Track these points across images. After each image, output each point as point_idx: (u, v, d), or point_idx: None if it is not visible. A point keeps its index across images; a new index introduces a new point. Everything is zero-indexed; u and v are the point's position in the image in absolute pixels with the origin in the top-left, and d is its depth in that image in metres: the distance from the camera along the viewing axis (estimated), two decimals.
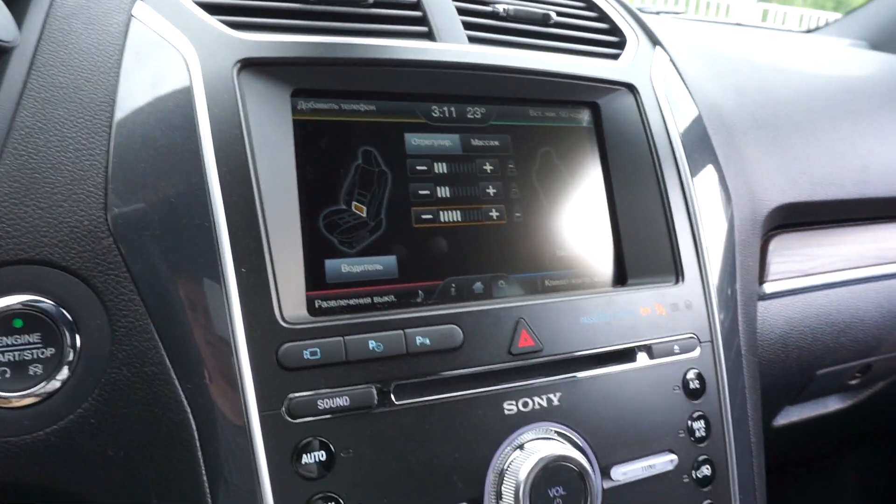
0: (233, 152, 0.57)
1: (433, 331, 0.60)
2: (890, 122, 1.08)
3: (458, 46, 0.71)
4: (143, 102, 0.58)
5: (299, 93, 0.63)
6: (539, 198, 0.72)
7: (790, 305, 0.94)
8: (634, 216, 0.76)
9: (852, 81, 1.15)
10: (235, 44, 0.61)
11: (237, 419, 0.53)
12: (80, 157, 0.55)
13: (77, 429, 0.52)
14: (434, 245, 0.66)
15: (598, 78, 0.78)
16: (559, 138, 0.75)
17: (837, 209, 0.99)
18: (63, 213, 0.53)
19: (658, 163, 0.77)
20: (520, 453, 0.60)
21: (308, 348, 0.55)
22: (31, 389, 0.51)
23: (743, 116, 0.94)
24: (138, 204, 0.55)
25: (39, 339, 0.51)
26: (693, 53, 0.99)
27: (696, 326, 0.73)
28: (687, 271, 0.74)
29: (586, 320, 0.67)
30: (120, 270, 0.54)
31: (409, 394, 0.58)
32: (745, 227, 0.85)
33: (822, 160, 0.98)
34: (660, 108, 0.79)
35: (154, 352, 0.53)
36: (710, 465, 0.70)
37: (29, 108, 0.55)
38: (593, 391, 0.66)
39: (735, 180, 0.86)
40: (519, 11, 0.78)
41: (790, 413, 1.12)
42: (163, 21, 0.61)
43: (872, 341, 1.03)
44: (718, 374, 0.73)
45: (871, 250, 1.03)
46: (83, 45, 0.59)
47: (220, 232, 0.55)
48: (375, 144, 0.66)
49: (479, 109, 0.72)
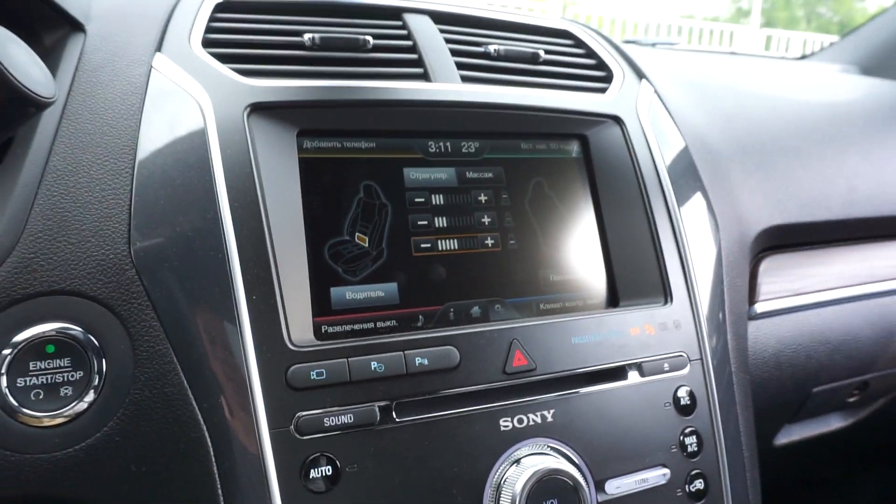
0: (244, 189, 0.62)
1: (431, 352, 0.63)
2: (875, 144, 1.12)
3: (453, 86, 0.76)
4: (162, 145, 0.63)
5: (304, 133, 0.68)
6: (532, 226, 0.76)
7: (782, 325, 0.96)
8: (624, 241, 0.79)
9: (839, 106, 1.18)
10: (245, 90, 0.66)
11: (249, 436, 0.56)
12: (105, 196, 0.60)
13: (103, 446, 0.56)
14: (433, 272, 0.70)
15: (586, 111, 0.82)
16: (550, 169, 0.79)
17: (826, 230, 1.02)
18: (91, 248, 0.58)
19: (645, 190, 0.80)
20: (516, 468, 0.63)
21: (315, 369, 0.59)
22: (61, 410, 0.55)
23: (729, 143, 0.98)
24: (158, 238, 0.60)
25: (69, 364, 0.55)
26: (681, 84, 1.03)
27: (686, 345, 0.76)
28: (675, 293, 0.77)
29: (577, 340, 0.70)
30: (142, 299, 0.58)
31: (409, 412, 0.61)
32: (734, 250, 0.88)
33: (809, 183, 1.01)
34: (646, 139, 0.83)
35: (173, 374, 0.57)
36: (703, 480, 0.72)
37: (60, 153, 0.60)
38: (586, 408, 0.68)
39: (722, 204, 0.89)
40: (509, 51, 0.83)
41: (791, 431, 1.13)
42: (179, 70, 0.67)
43: (867, 358, 1.05)
44: (709, 391, 0.75)
45: (861, 269, 1.06)
46: (108, 95, 0.65)
47: (232, 263, 0.59)
48: (376, 179, 0.70)
49: (474, 144, 0.76)
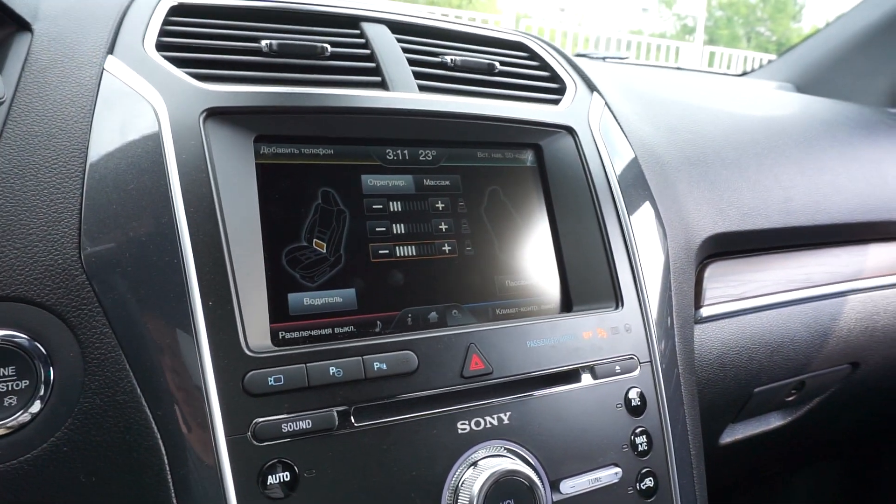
0: (200, 194, 0.61)
1: (389, 357, 0.64)
2: (809, 158, 1.18)
3: (410, 95, 0.77)
4: (114, 148, 0.62)
5: (262, 139, 0.67)
6: (488, 232, 0.77)
7: (725, 328, 1.00)
8: (577, 248, 0.81)
9: (776, 121, 1.25)
10: (201, 94, 0.66)
11: (205, 443, 0.55)
12: (54, 199, 0.58)
13: (49, 457, 0.54)
14: (391, 278, 0.70)
15: (540, 122, 0.84)
16: (505, 177, 0.81)
17: (765, 238, 1.07)
18: (38, 253, 0.56)
19: (597, 199, 0.82)
20: (473, 470, 0.64)
21: (272, 375, 0.58)
22: (4, 421, 0.53)
23: (675, 154, 1.02)
24: (110, 243, 0.58)
25: (14, 372, 0.54)
26: (629, 96, 1.07)
27: (636, 348, 0.78)
28: (626, 297, 0.79)
29: (532, 344, 0.71)
30: (93, 306, 0.57)
31: (368, 416, 0.61)
32: (680, 256, 0.92)
33: (748, 193, 1.06)
34: (597, 148, 0.86)
35: (125, 381, 0.56)
36: (652, 477, 0.75)
37: (5, 155, 0.58)
38: (541, 410, 0.70)
39: (669, 212, 0.93)
40: (466, 62, 0.85)
41: (735, 430, 1.18)
42: (133, 74, 0.65)
43: (803, 359, 1.10)
44: (658, 392, 0.78)
45: (798, 275, 1.11)
46: (57, 97, 0.63)
47: (188, 268, 0.58)
48: (334, 185, 0.70)
49: (431, 152, 0.77)
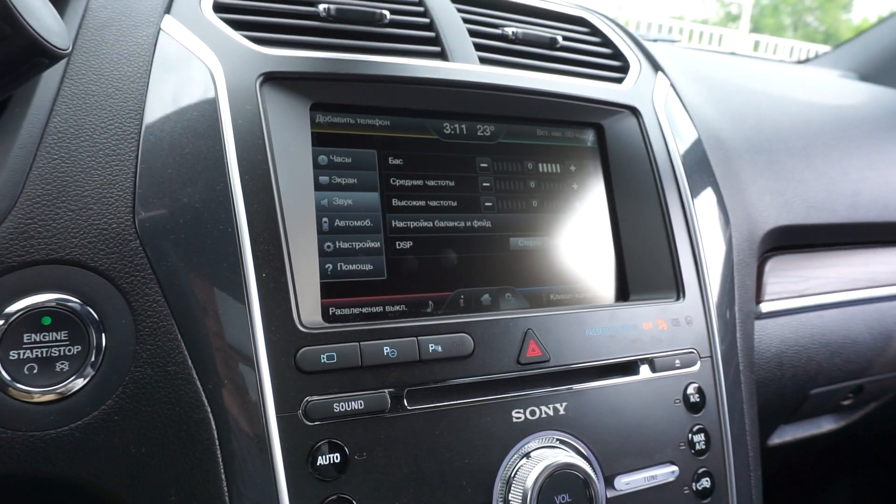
0: (255, 162, 0.59)
1: (445, 339, 0.61)
2: (879, 150, 1.12)
3: (470, 66, 0.74)
4: (170, 111, 0.60)
5: (317, 106, 0.65)
6: (545, 213, 0.74)
7: (785, 325, 0.96)
8: (637, 234, 0.78)
9: (843, 111, 1.18)
10: (258, 58, 0.63)
11: (256, 420, 0.54)
12: (109, 162, 0.57)
13: (100, 425, 0.53)
14: (444, 257, 0.68)
15: (603, 100, 0.80)
16: (565, 157, 0.77)
17: (830, 233, 1.02)
18: (92, 216, 0.55)
19: (660, 183, 0.79)
20: (527, 461, 0.61)
21: (325, 352, 0.56)
22: (56, 386, 0.52)
23: (739, 141, 0.97)
24: (165, 209, 0.56)
25: (66, 337, 0.52)
26: (691, 79, 1.02)
27: (697, 342, 0.75)
28: (688, 288, 0.76)
29: (591, 332, 0.68)
30: (146, 272, 0.55)
31: (420, 400, 0.59)
32: (743, 248, 0.88)
33: (815, 185, 1.01)
34: (661, 131, 0.82)
35: (177, 352, 0.55)
36: (709, 478, 0.72)
37: (62, 114, 0.57)
38: (598, 402, 0.67)
39: (732, 202, 0.88)
40: (527, 35, 0.81)
41: (785, 432, 1.14)
42: (190, 35, 0.63)
43: (864, 362, 1.05)
44: (718, 389, 0.75)
45: (862, 273, 1.06)
46: (114, 56, 0.61)
47: (242, 238, 0.56)
48: (389, 158, 0.68)
49: (489, 127, 0.74)
